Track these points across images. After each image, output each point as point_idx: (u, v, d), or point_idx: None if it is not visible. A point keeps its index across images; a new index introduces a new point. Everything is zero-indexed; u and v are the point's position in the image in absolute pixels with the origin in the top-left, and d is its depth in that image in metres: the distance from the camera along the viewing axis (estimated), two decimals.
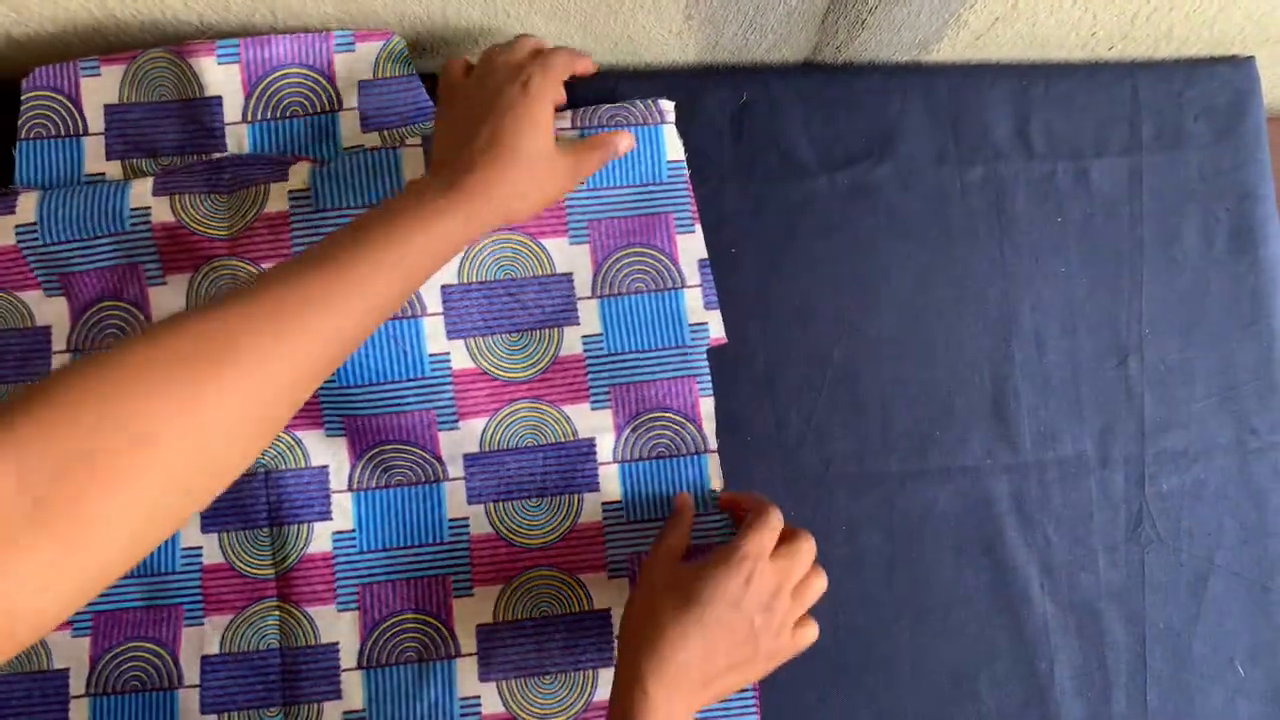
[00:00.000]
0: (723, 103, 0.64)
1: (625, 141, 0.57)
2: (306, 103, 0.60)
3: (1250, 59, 0.67)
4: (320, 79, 0.60)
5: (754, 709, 0.57)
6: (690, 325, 0.59)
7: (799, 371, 0.61)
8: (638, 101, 0.62)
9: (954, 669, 0.59)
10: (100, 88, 0.59)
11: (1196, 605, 0.61)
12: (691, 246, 0.61)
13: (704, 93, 0.64)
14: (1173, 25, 0.63)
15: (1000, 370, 0.62)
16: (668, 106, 0.62)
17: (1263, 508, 0.62)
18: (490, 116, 0.50)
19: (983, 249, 0.63)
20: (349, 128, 0.60)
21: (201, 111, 0.58)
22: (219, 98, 0.58)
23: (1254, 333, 0.64)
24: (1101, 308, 0.63)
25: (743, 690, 0.55)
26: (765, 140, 0.63)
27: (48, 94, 0.59)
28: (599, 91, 0.62)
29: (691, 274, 0.60)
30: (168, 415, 0.36)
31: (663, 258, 0.60)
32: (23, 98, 0.59)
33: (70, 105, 0.59)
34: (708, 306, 0.60)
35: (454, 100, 0.54)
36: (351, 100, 0.61)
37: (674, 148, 0.61)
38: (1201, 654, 0.60)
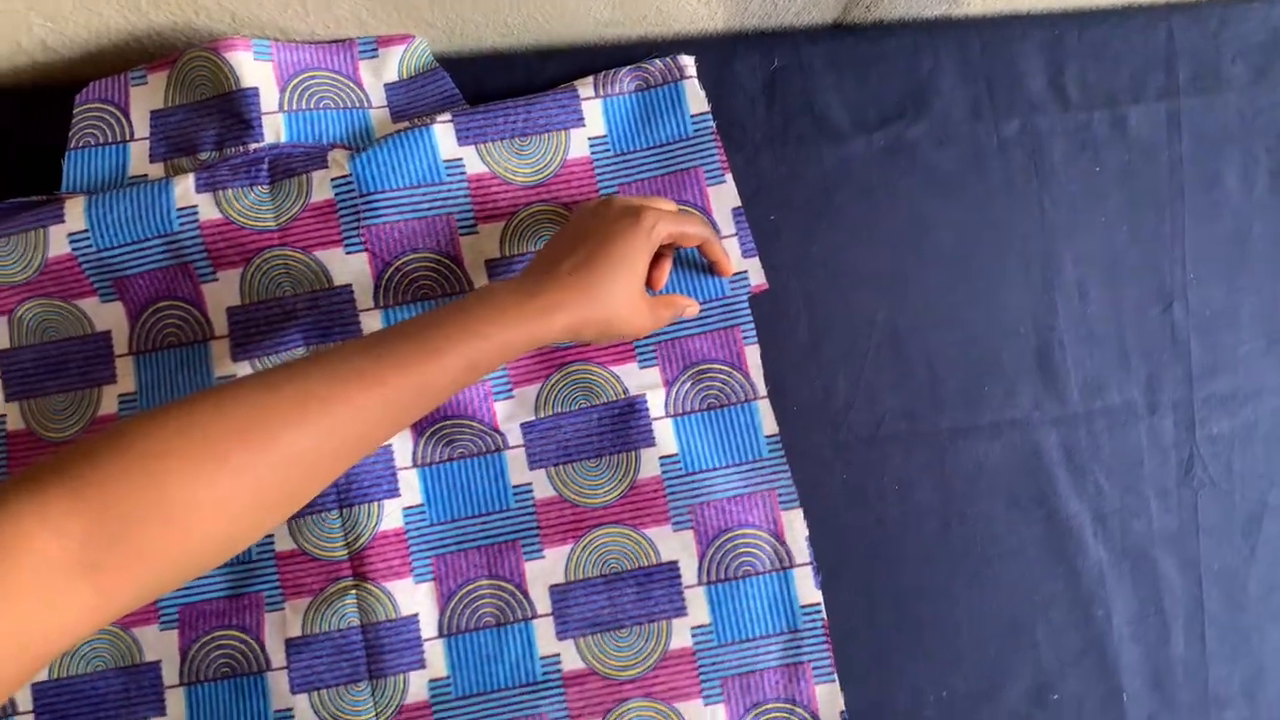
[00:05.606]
0: (754, 69, 0.63)
1: (693, 308, 0.59)
2: (337, 98, 0.61)
3: None
4: (349, 82, 0.61)
5: (829, 667, 0.58)
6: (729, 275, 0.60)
7: (844, 335, 0.61)
8: (656, 60, 0.62)
9: (1011, 620, 0.60)
10: (147, 94, 0.59)
11: (1250, 547, 0.61)
12: (724, 197, 0.61)
13: (734, 60, 0.63)
14: None
15: (1045, 322, 0.62)
16: (687, 61, 0.62)
17: None
18: (594, 237, 0.50)
19: (1022, 202, 0.63)
20: (379, 122, 0.61)
21: (239, 103, 0.58)
22: (255, 88, 0.58)
23: None
24: (1144, 255, 0.63)
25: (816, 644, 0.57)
26: (798, 105, 0.63)
27: (99, 105, 0.59)
28: (629, 62, 0.62)
29: (726, 224, 0.61)
30: (198, 486, 0.37)
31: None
32: (75, 111, 0.59)
33: (120, 114, 0.59)
34: (745, 255, 0.61)
35: (571, 219, 0.54)
36: (380, 99, 0.61)
37: (697, 101, 0.62)
38: (1257, 594, 0.61)
